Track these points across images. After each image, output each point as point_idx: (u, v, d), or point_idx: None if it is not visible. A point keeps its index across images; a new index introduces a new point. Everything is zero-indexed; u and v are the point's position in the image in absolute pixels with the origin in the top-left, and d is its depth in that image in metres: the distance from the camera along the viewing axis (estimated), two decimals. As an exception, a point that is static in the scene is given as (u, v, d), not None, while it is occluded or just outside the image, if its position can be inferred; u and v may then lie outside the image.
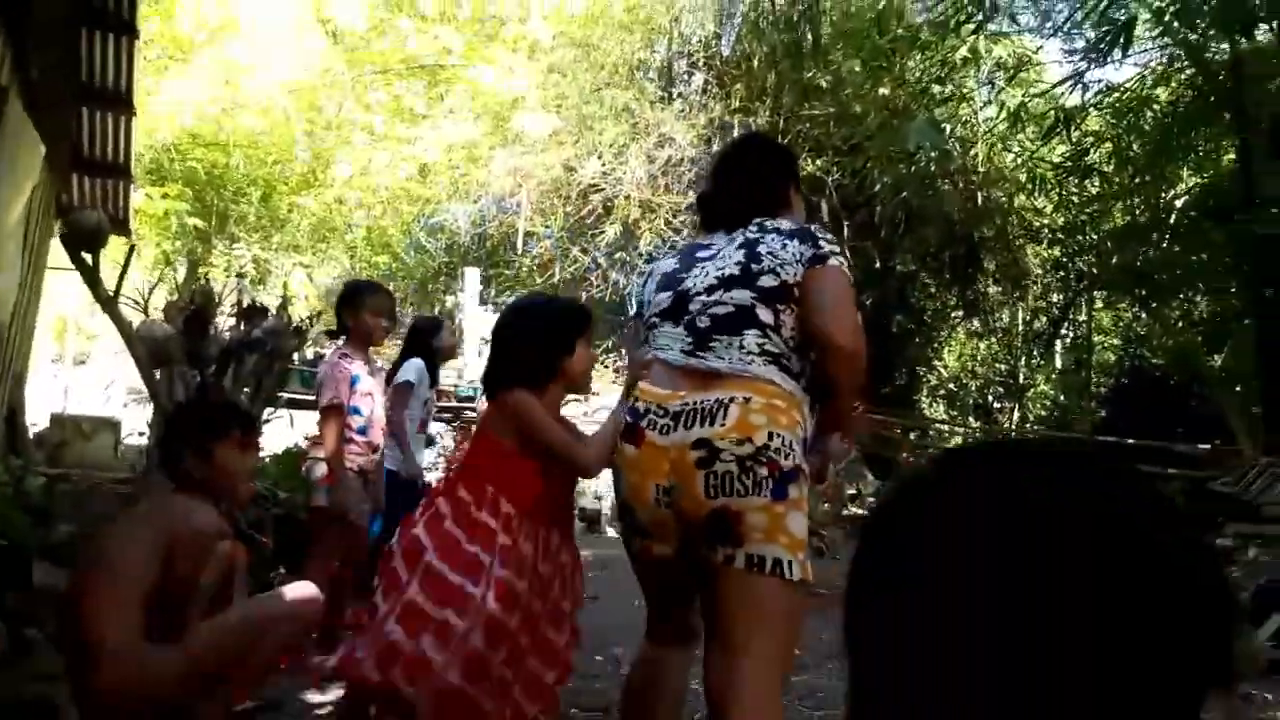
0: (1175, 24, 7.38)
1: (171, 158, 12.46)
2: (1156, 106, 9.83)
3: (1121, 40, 6.67)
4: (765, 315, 1.99)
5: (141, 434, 5.64)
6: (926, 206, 11.87)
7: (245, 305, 5.67)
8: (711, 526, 1.84)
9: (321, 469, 3.66)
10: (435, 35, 12.36)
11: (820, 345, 1.97)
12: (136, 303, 4.74)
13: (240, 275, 8.99)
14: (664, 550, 1.99)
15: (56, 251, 6.48)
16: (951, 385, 15.73)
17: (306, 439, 6.19)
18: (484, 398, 2.99)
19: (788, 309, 1.99)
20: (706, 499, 1.84)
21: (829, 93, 12.03)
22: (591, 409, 9.85)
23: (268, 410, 5.04)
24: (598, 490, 8.49)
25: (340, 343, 3.84)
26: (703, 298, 2.06)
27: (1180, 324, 13.42)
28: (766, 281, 2.01)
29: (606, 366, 11.50)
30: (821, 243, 2.07)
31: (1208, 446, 8.97)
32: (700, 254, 2.17)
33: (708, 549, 1.85)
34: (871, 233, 12.25)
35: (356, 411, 3.69)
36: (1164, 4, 6.98)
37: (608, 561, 6.57)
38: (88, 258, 4.19)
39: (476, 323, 9.77)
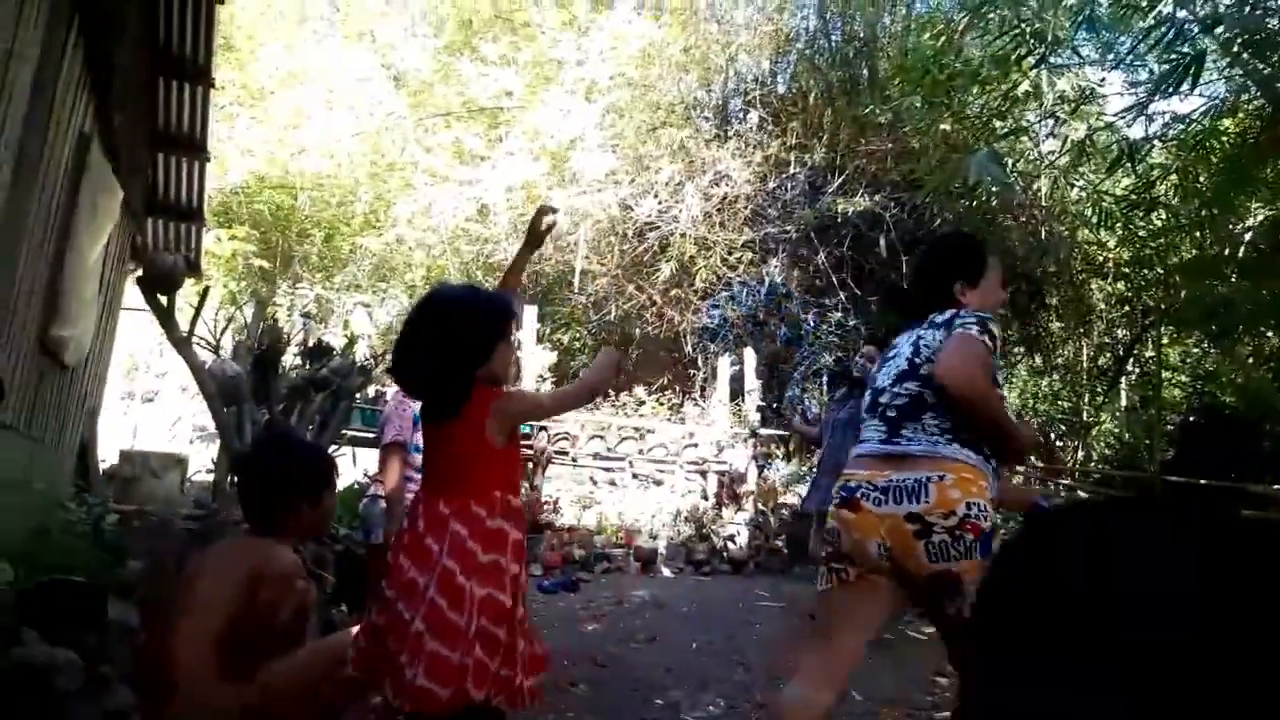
0: (1244, 55, 7.22)
1: (240, 200, 12.84)
2: (1224, 138, 9.60)
3: (1190, 73, 6.53)
4: (932, 397, 2.38)
5: (209, 470, 5.75)
6: (988, 242, 11.69)
7: (312, 344, 5.78)
8: (937, 585, 2.23)
9: (381, 506, 3.69)
10: (495, 79, 12.63)
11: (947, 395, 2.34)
12: (208, 342, 4.84)
13: (307, 315, 9.17)
14: (878, 579, 2.34)
15: (129, 291, 6.70)
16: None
17: (367, 476, 6.27)
18: (396, 386, 2.88)
19: None
20: (929, 564, 2.22)
21: (887, 128, 11.98)
22: (648, 446, 9.82)
23: (333, 447, 5.11)
24: (653, 529, 8.44)
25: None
26: (888, 392, 2.49)
27: (1251, 360, 12.99)
28: (927, 370, 2.41)
29: (662, 404, 11.48)
30: (955, 320, 2.45)
31: (1282, 487, 8.63)
32: (888, 354, 2.63)
33: (941, 604, 2.25)
34: (930, 269, 12.11)
35: (418, 450, 3.73)
36: (1233, 34, 6.83)
37: (664, 602, 6.51)
38: (163, 299, 4.30)
39: (534, 360, 9.82)
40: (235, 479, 2.60)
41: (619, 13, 12.46)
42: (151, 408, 10.32)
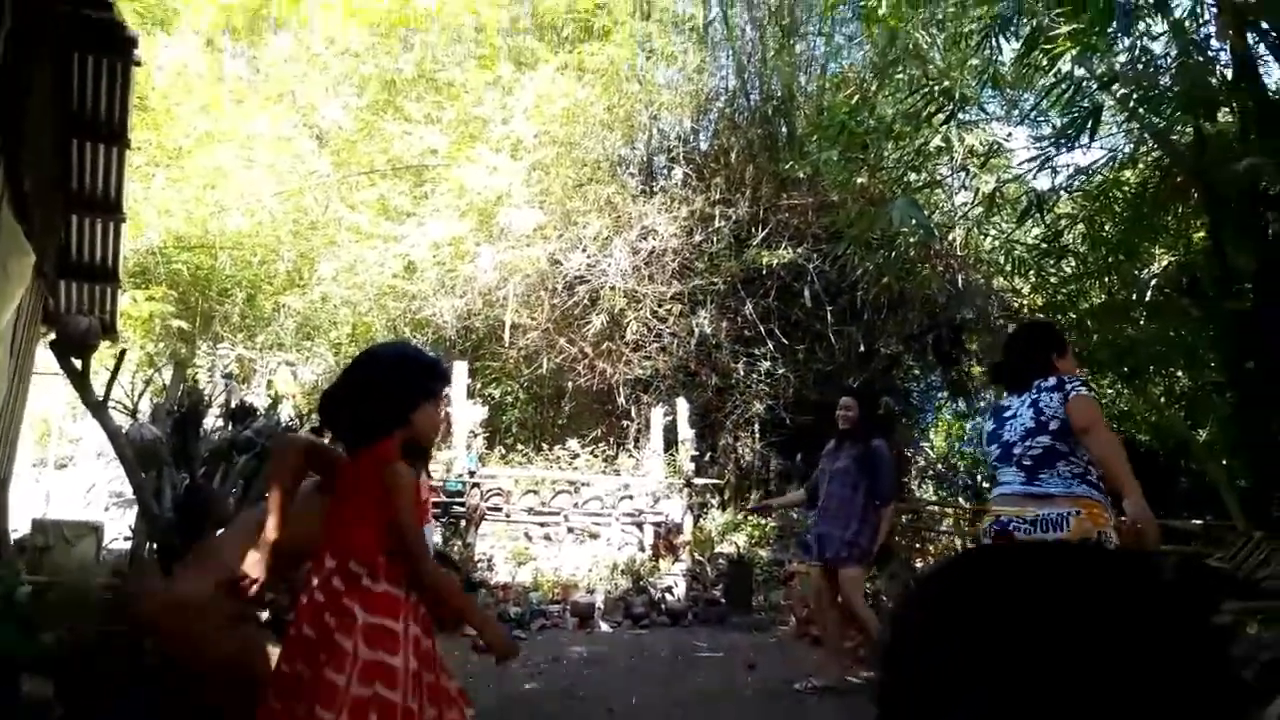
0: (1141, 110, 7.63)
1: (157, 260, 12.53)
2: (1126, 188, 10.09)
3: (1089, 127, 6.88)
4: (1063, 448, 3.13)
5: (126, 538, 5.53)
6: (908, 290, 12.03)
7: (234, 405, 5.64)
8: None
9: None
10: (420, 136, 12.64)
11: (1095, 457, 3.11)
12: (125, 406, 4.69)
13: (229, 375, 8.94)
14: None
15: (42, 355, 6.46)
16: (940, 466, 15.69)
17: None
18: (326, 430, 2.83)
19: (1073, 438, 3.13)
20: None
21: (806, 183, 12.31)
22: (583, 499, 9.75)
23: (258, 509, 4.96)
24: (590, 583, 8.34)
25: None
26: (1020, 445, 3.22)
27: (1163, 399, 13.51)
28: (1054, 425, 3.16)
29: (596, 455, 11.43)
30: (1066, 385, 3.23)
31: (1200, 522, 8.92)
32: (1005, 414, 3.39)
33: None
34: (855, 318, 12.38)
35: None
36: (1129, 90, 7.23)
37: (602, 657, 6.42)
38: (77, 363, 4.16)
39: (465, 416, 9.72)
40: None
41: (542, 73, 12.62)
42: (65, 474, 9.88)
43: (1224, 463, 9.81)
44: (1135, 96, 7.37)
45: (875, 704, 0.64)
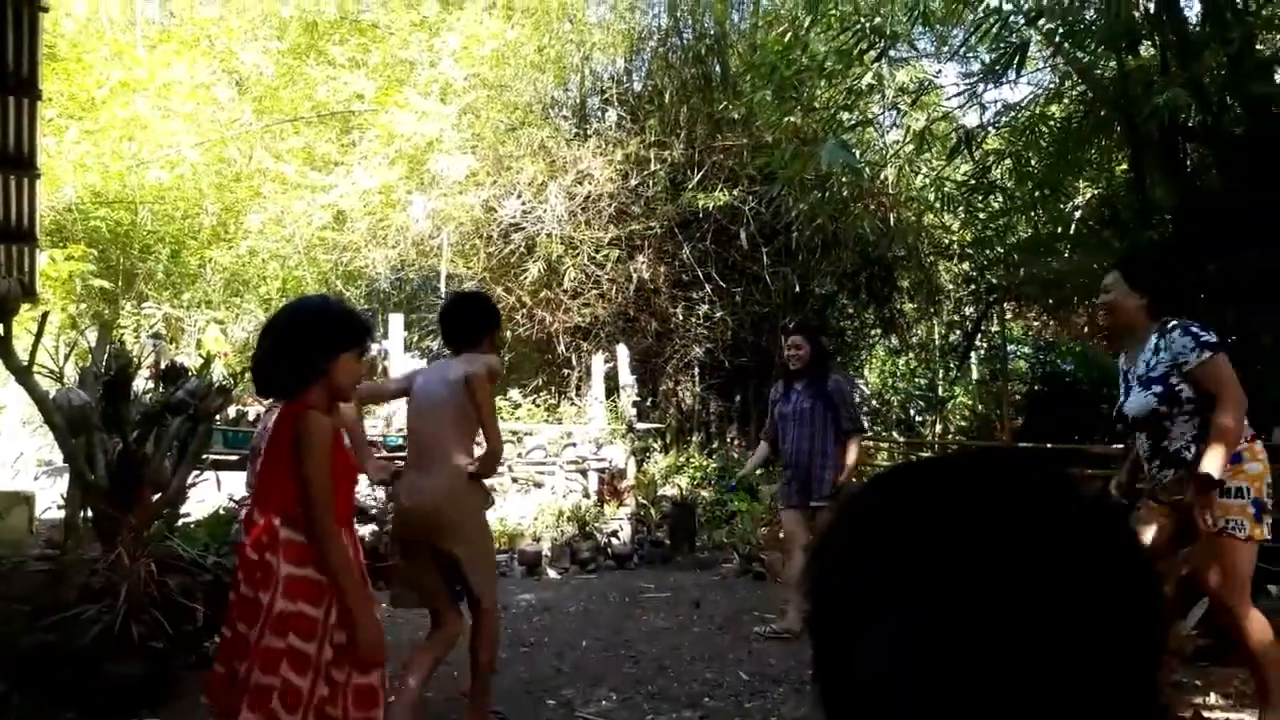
0: (1066, 44, 7.74)
1: (74, 218, 12.05)
2: (1052, 123, 10.27)
3: (1015, 62, 6.96)
4: None
5: (60, 506, 5.40)
6: (841, 230, 12.15)
7: (164, 367, 5.50)
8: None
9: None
10: (345, 82, 12.27)
11: None
12: (51, 371, 4.54)
13: (156, 336, 8.70)
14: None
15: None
16: (875, 401, 16.06)
17: (234, 500, 6.00)
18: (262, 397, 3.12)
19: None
20: None
21: (741, 124, 12.27)
22: (526, 449, 9.78)
23: (194, 473, 4.88)
24: (536, 532, 8.41)
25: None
26: None
27: (1086, 329, 13.95)
28: None
29: (538, 405, 11.43)
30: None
31: (1120, 446, 9.32)
32: None
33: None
34: (790, 258, 12.48)
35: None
36: (1054, 26, 7.32)
37: (551, 603, 6.51)
38: (-2, 327, 4.02)
39: (402, 369, 9.62)
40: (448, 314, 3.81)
41: (469, 13, 12.29)
42: (-12, 444, 9.58)
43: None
44: (1060, 31, 7.46)
45: (807, 629, 0.66)
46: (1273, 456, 5.40)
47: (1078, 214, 11.13)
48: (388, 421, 9.06)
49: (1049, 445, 9.68)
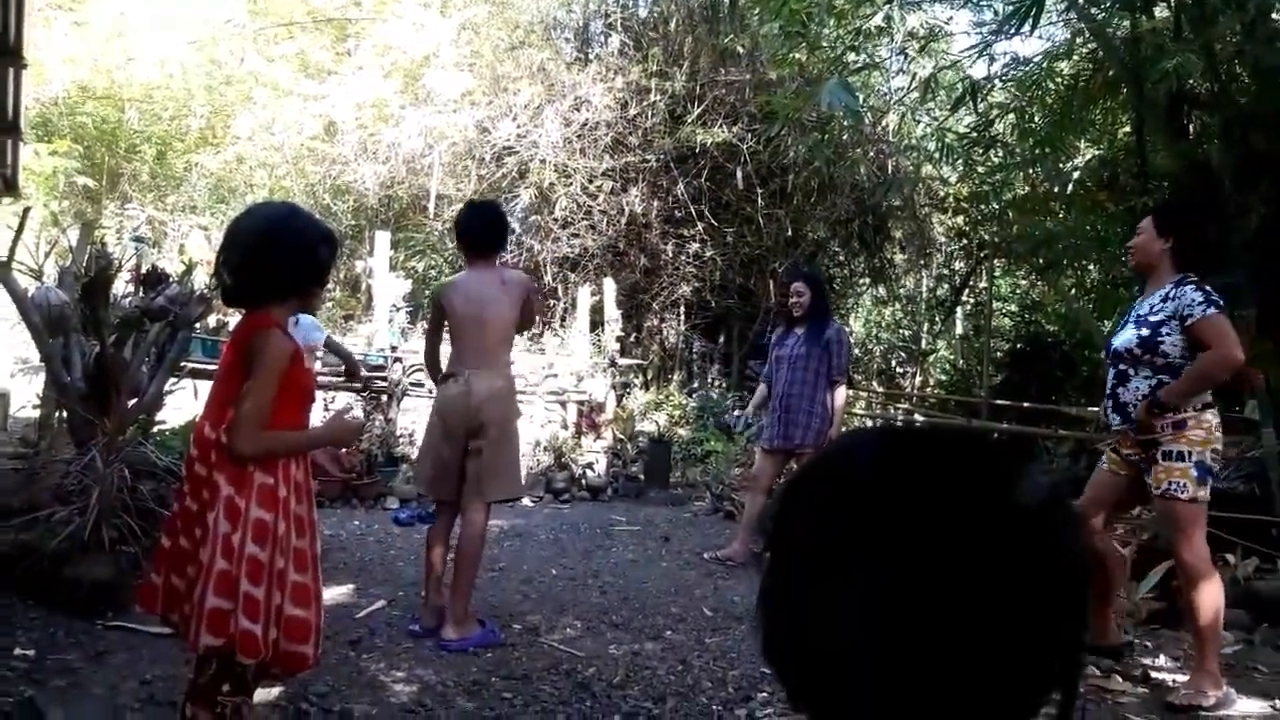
0: (1081, 0, 7.60)
1: (60, 112, 11.78)
2: (1059, 79, 10.14)
3: (1031, 16, 6.83)
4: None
5: (35, 405, 5.38)
6: (838, 175, 12.04)
7: (145, 271, 5.43)
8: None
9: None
10: (343, -14, 11.96)
11: None
12: (30, 269, 4.48)
13: (139, 239, 8.58)
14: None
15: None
16: (857, 350, 16.11)
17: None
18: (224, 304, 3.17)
19: None
20: None
21: (745, 58, 12.04)
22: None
23: (171, 381, 4.86)
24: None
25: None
26: None
27: (1073, 291, 13.98)
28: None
29: (521, 334, 11.38)
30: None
31: (1098, 409, 9.42)
32: None
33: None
34: (785, 201, 12.38)
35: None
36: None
37: (522, 530, 6.59)
38: (-26, 222, 3.95)
39: (386, 288, 9.55)
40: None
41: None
42: (-36, 339, 9.47)
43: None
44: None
45: (760, 575, 0.69)
46: (1248, 429, 5.52)
47: (1076, 174, 11.07)
48: (369, 340, 9.03)
49: (1025, 404, 9.77)
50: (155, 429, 4.86)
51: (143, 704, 2.89)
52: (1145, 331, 3.42)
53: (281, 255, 2.26)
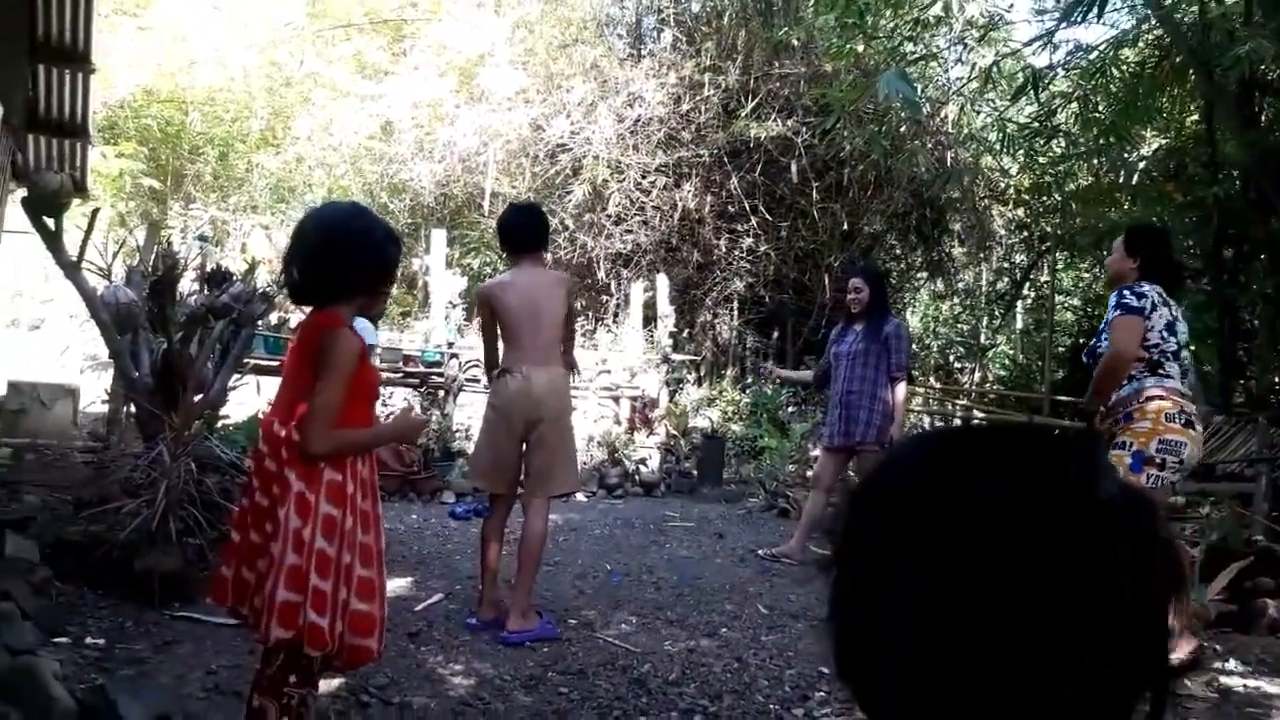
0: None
1: (126, 115, 12.11)
2: (1124, 67, 9.87)
3: (1097, 4, 6.66)
4: None
5: (104, 401, 5.53)
6: (894, 168, 11.87)
7: (210, 269, 5.55)
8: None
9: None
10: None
11: None
12: (99, 268, 4.60)
13: (203, 238, 8.80)
14: None
15: (11, 213, 6.30)
16: (915, 346, 15.88)
17: (270, 404, 6.11)
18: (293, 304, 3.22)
19: None
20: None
21: (800, 51, 11.92)
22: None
23: (235, 377, 4.96)
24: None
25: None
26: (1185, 351, 3.67)
27: (1139, 284, 13.58)
28: None
29: (575, 330, 11.42)
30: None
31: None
32: (1175, 316, 3.63)
33: None
34: (840, 195, 12.24)
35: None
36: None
37: (577, 525, 6.61)
38: (49, 222, 4.07)
39: (443, 285, 9.64)
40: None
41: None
42: (38, 336, 9.79)
43: (1191, 348, 9.99)
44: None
45: (825, 572, 0.68)
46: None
47: (1141, 164, 10.77)
48: (426, 337, 9.13)
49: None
50: (220, 424, 4.96)
51: (208, 693, 2.95)
52: (1095, 341, 3.80)
53: (348, 254, 2.27)
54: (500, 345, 4.18)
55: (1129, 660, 0.58)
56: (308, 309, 2.43)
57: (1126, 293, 3.56)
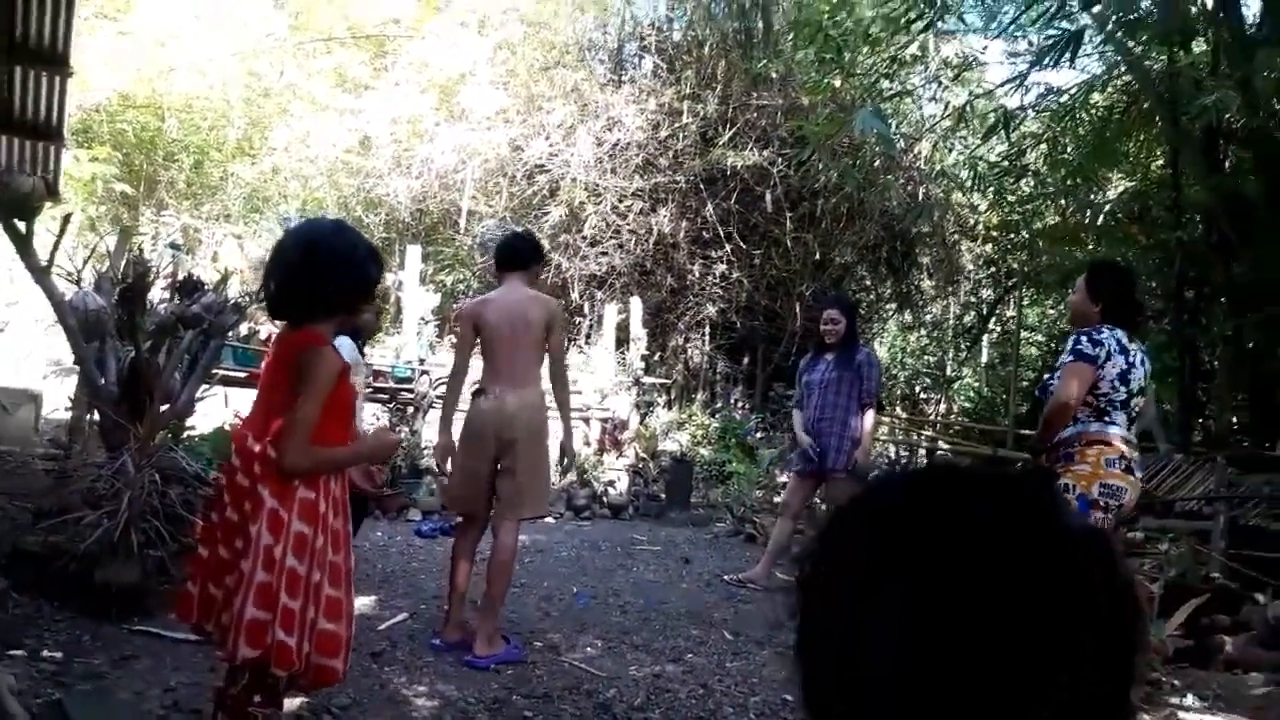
0: (1118, 33, 7.58)
1: (101, 119, 11.99)
2: (1093, 110, 10.11)
3: (1068, 51, 6.82)
4: None
5: (67, 408, 5.45)
6: (867, 201, 12.03)
7: (181, 278, 5.51)
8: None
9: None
10: (382, 4, 12.11)
11: None
12: (68, 273, 4.55)
13: (175, 246, 8.71)
14: None
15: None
16: (883, 376, 16.04)
17: (239, 418, 6.04)
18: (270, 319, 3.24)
19: None
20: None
21: (778, 83, 12.09)
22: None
23: (203, 388, 4.91)
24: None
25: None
26: (1135, 400, 3.58)
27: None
28: None
29: (563, 361, 11.40)
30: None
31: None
32: (1132, 362, 3.56)
33: None
34: (813, 225, 12.38)
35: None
36: (1108, 13, 7.16)
37: (543, 546, 6.58)
38: (20, 225, 4.02)
39: (416, 302, 9.61)
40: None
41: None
42: (0, 339, 9.61)
43: (1153, 386, 10.18)
44: (1114, 19, 7.31)
45: (794, 611, 0.69)
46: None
47: (1107, 206, 11.01)
48: (397, 353, 9.09)
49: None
50: (186, 435, 4.90)
51: (167, 710, 2.91)
52: (1048, 377, 3.81)
53: (328, 271, 2.25)
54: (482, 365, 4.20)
55: (1105, 681, 0.60)
56: (281, 323, 2.40)
57: (1084, 339, 3.55)
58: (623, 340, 10.57)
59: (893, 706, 0.59)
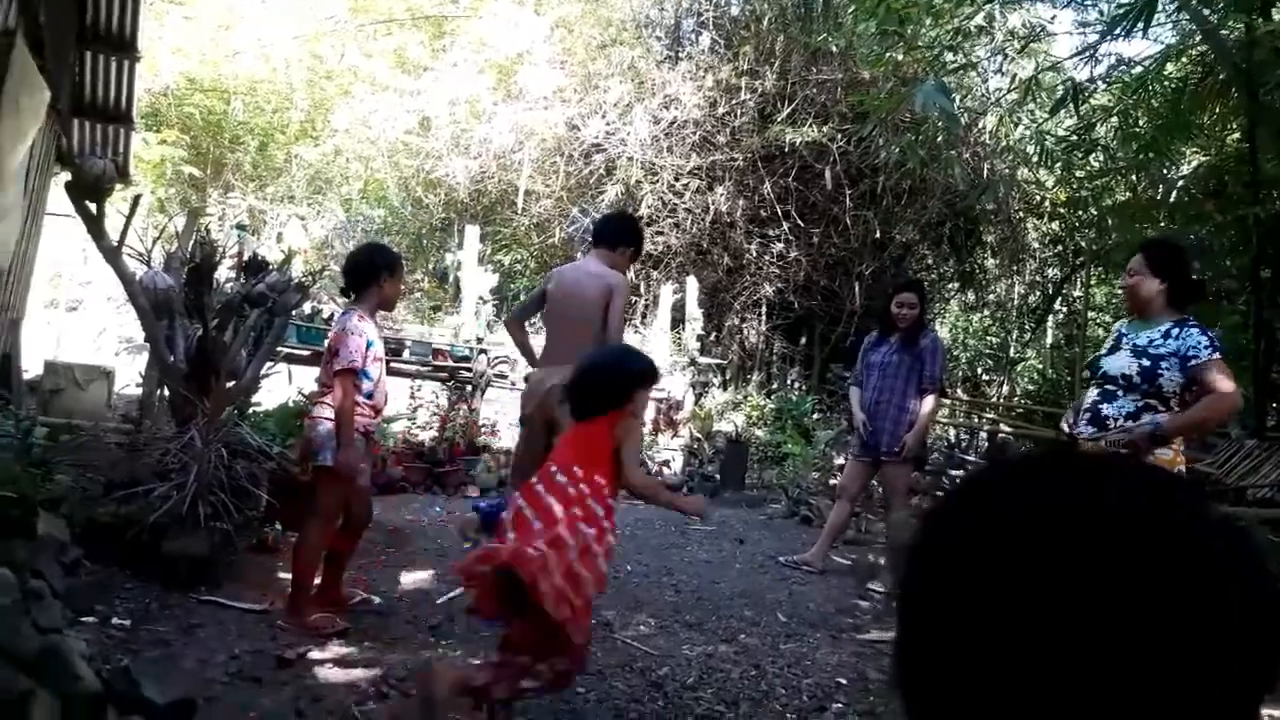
0: (1194, 1, 7.29)
1: (169, 103, 12.29)
2: (1166, 82, 9.74)
3: (1141, 19, 6.57)
4: None
5: (138, 384, 5.62)
6: (929, 177, 11.79)
7: (247, 258, 5.63)
8: None
9: (324, 428, 3.65)
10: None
11: None
12: (138, 253, 4.68)
13: (241, 227, 8.90)
14: None
15: (55, 196, 6.42)
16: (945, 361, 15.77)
17: (303, 395, 6.18)
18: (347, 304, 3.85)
19: None
20: None
21: (838, 58, 11.88)
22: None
23: (267, 365, 5.02)
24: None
25: (350, 302, 3.84)
26: None
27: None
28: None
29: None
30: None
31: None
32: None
33: None
34: (873, 203, 12.18)
35: (366, 375, 3.70)
36: (1182, -20, 6.87)
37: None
38: (92, 206, 4.14)
39: (475, 281, 9.70)
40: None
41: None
42: (75, 317, 9.96)
43: (1227, 370, 9.83)
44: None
45: (900, 607, 0.66)
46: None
47: (1181, 182, 10.62)
48: (455, 332, 9.18)
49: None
50: (251, 411, 5.03)
51: (231, 678, 2.99)
52: (1146, 363, 3.53)
53: (620, 383, 2.93)
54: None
55: (1245, 687, 0.57)
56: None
57: (1205, 333, 3.46)
58: (678, 320, 10.55)
59: (1028, 706, 0.57)
